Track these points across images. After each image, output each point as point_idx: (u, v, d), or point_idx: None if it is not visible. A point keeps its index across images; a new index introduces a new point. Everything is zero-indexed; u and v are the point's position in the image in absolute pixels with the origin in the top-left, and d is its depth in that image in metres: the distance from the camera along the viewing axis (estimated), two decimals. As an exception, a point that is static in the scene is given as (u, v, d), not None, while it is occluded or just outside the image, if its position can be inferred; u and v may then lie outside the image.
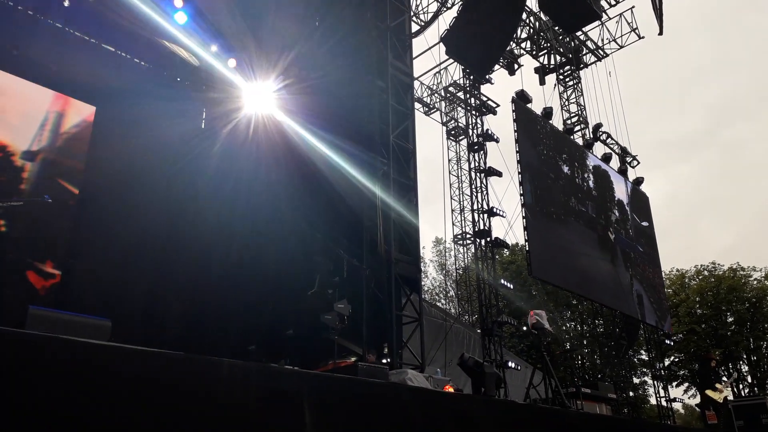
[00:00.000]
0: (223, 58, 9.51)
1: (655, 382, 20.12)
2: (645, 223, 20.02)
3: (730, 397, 10.44)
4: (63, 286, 8.35)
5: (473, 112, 16.77)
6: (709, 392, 9.92)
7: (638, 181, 20.49)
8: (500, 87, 17.75)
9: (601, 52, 21.45)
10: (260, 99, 10.17)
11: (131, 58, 10.42)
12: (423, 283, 24.55)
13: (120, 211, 9.28)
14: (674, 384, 31.94)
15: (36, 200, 4.56)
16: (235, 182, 10.40)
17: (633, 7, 20.15)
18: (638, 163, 21.57)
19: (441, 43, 15.40)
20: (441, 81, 22.09)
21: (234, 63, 9.56)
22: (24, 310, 3.21)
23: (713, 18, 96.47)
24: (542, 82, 20.63)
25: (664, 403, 19.35)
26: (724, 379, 10.45)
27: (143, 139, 9.72)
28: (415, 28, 16.92)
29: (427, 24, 18.50)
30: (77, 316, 3.15)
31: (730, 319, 32.01)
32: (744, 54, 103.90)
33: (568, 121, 21.27)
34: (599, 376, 21.92)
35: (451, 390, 7.33)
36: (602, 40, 21.20)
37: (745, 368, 31.15)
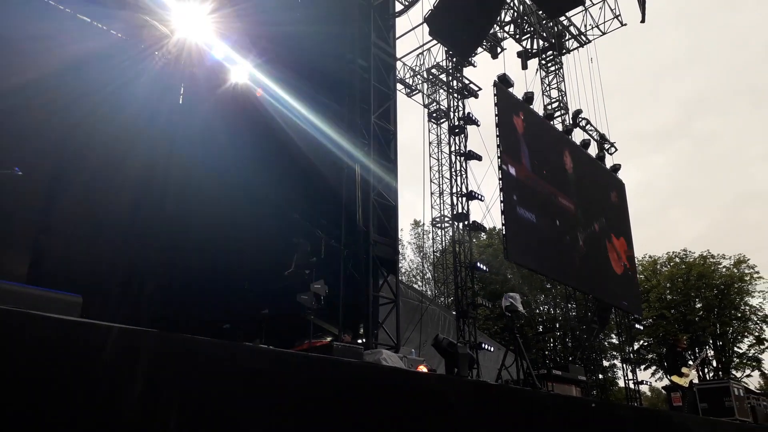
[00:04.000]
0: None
1: (624, 365, 20.61)
2: (621, 209, 20.32)
3: (696, 381, 10.76)
4: (34, 262, 8.21)
5: (455, 95, 16.74)
6: (675, 378, 10.24)
7: (615, 168, 20.75)
8: (482, 70, 17.76)
9: (584, 38, 21.51)
10: (240, 72, 10.02)
11: (107, 29, 10.16)
12: (400, 265, 24.65)
13: (93, 185, 9.11)
14: (642, 367, 32.81)
15: (5, 172, 4.45)
16: (214, 160, 10.27)
17: (616, -7, 20.24)
18: (616, 150, 21.83)
19: (424, 24, 15.27)
20: (424, 62, 21.98)
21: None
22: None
23: (687, 13, 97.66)
24: (524, 67, 20.66)
25: (632, 386, 19.86)
26: (690, 362, 10.79)
27: (118, 113, 9.51)
28: (398, 7, 16.72)
29: (411, 3, 18.25)
30: (47, 291, 3.10)
31: (699, 305, 32.86)
32: (716, 50, 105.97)
33: (549, 107, 21.38)
34: (570, 358, 22.37)
35: (425, 370, 7.42)
36: (585, 26, 21.27)
37: (711, 353, 32.09)
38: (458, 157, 15.80)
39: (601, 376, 23.77)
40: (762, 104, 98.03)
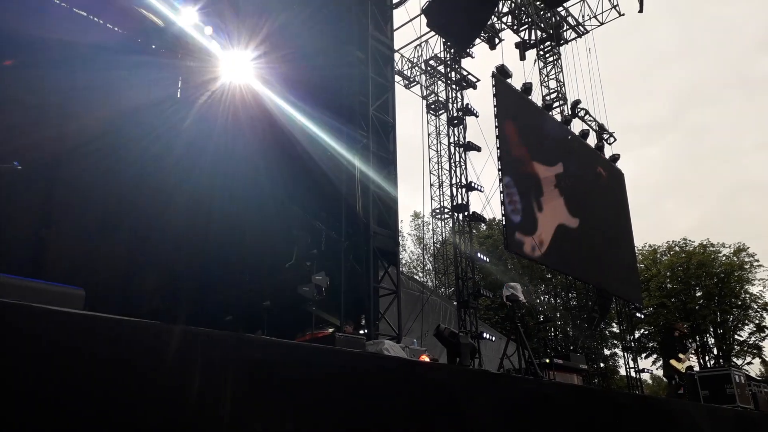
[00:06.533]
0: (200, 25, 9.29)
1: (625, 353, 20.69)
2: (618, 199, 20.34)
3: (696, 368, 10.83)
4: (35, 255, 8.22)
5: (453, 86, 16.70)
6: (672, 362, 10.32)
7: (614, 158, 20.74)
8: (481, 61, 17.73)
9: (582, 29, 21.44)
10: (237, 68, 9.98)
11: (104, 23, 10.11)
12: (401, 256, 24.65)
13: (94, 179, 9.11)
14: (643, 356, 32.93)
15: (5, 166, 4.44)
16: (213, 153, 10.25)
17: (614, -18, 20.17)
18: (615, 140, 21.82)
19: (422, 15, 15.23)
20: (422, 54, 21.93)
21: (211, 30, 9.34)
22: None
23: (679, 4, 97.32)
24: (522, 58, 20.60)
25: (633, 374, 19.94)
26: (690, 350, 10.87)
27: (117, 107, 9.50)
28: (396, -2, 16.67)
29: (409, -5, 18.19)
30: (48, 285, 3.09)
31: (699, 294, 32.93)
32: (708, 42, 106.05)
33: (547, 97, 21.34)
34: (571, 347, 22.44)
35: (427, 359, 7.45)
36: (583, 16, 21.20)
37: (711, 341, 32.22)
38: (457, 148, 15.78)
39: (602, 364, 23.86)
40: (754, 95, 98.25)
